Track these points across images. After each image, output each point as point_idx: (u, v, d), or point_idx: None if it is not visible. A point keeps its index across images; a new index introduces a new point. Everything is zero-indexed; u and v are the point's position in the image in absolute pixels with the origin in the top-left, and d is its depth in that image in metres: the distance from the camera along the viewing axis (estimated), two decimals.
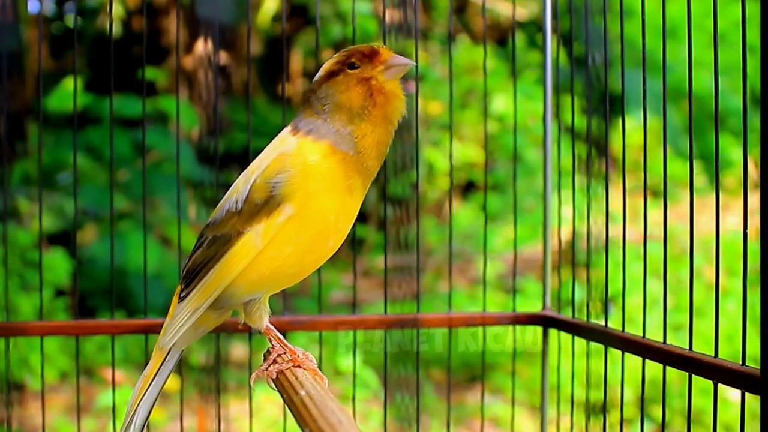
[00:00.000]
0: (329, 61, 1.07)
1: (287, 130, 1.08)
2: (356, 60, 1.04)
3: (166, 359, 1.12)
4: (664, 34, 1.13)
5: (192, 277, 1.06)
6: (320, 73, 1.07)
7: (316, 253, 1.05)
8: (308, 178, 1.00)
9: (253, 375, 1.09)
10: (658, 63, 1.17)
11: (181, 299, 1.07)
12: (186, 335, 1.09)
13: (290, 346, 1.07)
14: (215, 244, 1.04)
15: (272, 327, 1.09)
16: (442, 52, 5.21)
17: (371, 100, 1.03)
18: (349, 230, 1.07)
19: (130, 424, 1.11)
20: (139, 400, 1.11)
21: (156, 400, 1.13)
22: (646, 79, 1.19)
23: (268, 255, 1.01)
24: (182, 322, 1.06)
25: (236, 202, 1.03)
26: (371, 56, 1.03)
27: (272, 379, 1.05)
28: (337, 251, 1.08)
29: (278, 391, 1.03)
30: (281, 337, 1.09)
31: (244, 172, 1.07)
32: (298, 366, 1.05)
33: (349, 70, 1.04)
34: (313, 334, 1.50)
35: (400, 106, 1.04)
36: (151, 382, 1.11)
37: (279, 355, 1.07)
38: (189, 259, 1.08)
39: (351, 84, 1.03)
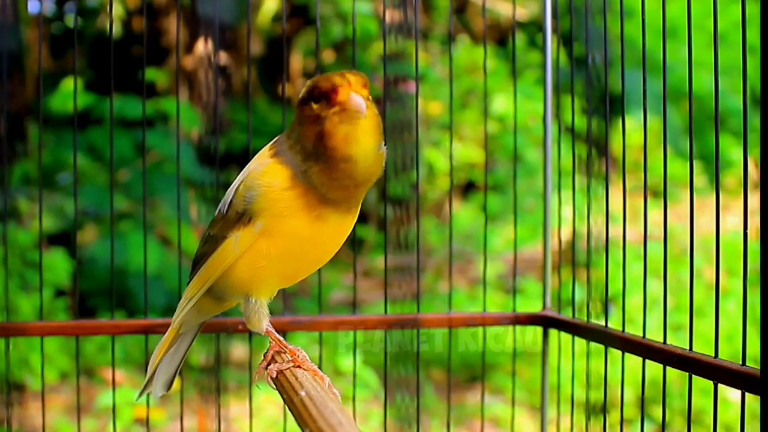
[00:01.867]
0: (306, 83, 1.00)
1: (271, 142, 1.06)
2: (319, 95, 0.95)
3: (181, 333, 1.21)
4: (664, 34, 1.13)
5: (193, 268, 1.13)
6: (300, 95, 1.00)
7: (294, 266, 1.06)
8: (271, 202, 0.99)
9: (255, 374, 1.10)
10: (658, 63, 1.17)
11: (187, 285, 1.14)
12: (192, 316, 1.16)
13: (290, 347, 1.08)
14: (209, 242, 1.08)
15: (272, 329, 1.09)
16: (442, 52, 5.21)
17: (321, 142, 0.95)
18: (339, 246, 1.06)
19: (147, 385, 1.22)
20: (156, 364, 1.20)
21: (179, 365, 1.22)
22: (646, 79, 1.19)
23: (245, 263, 1.04)
24: (183, 306, 1.13)
25: (224, 205, 1.06)
26: (330, 93, 0.94)
27: (272, 378, 1.05)
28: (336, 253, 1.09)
29: (278, 391, 1.03)
30: (281, 338, 1.10)
31: (239, 175, 1.09)
32: (298, 366, 1.05)
33: (313, 103, 0.96)
34: (313, 334, 1.50)
35: (357, 148, 0.95)
36: (167, 350, 1.20)
37: (277, 353, 1.08)
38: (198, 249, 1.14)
39: (309, 120, 0.96)
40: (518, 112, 1.73)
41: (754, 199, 0.86)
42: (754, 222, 0.85)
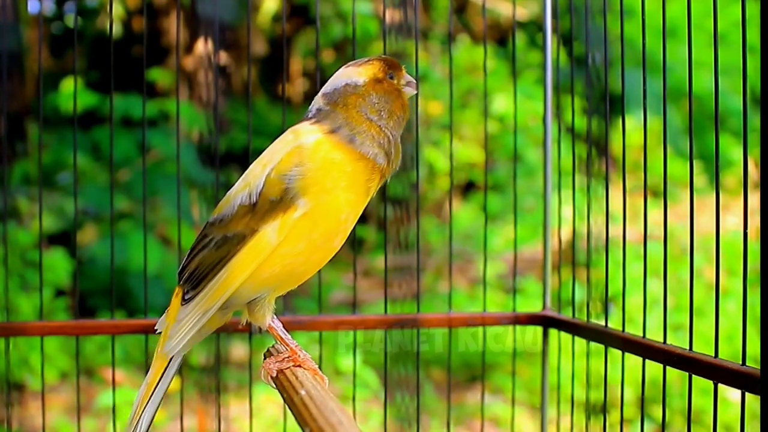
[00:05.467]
0: (364, 66, 1.08)
1: (304, 123, 1.06)
2: (394, 71, 1.08)
3: (169, 364, 1.10)
4: (664, 34, 1.13)
5: (200, 278, 1.04)
6: (363, 77, 1.07)
7: (323, 251, 1.04)
8: (327, 174, 0.99)
9: (261, 372, 1.08)
10: (658, 63, 1.17)
11: (186, 301, 1.05)
12: (190, 339, 1.07)
13: (293, 345, 1.06)
14: (227, 244, 1.02)
15: (276, 325, 1.07)
16: (442, 52, 5.21)
17: (404, 112, 1.08)
18: (351, 229, 1.07)
19: (135, 430, 1.10)
20: (143, 407, 1.10)
21: (160, 404, 1.12)
22: (646, 79, 1.19)
23: (281, 252, 1.00)
24: (191, 325, 1.04)
25: (249, 196, 1.01)
26: (399, 70, 1.09)
27: (272, 378, 1.05)
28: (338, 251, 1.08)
29: (278, 390, 1.03)
30: (284, 335, 1.07)
31: (253, 166, 1.05)
32: (299, 366, 1.04)
33: (390, 80, 1.08)
34: (314, 334, 1.50)
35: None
36: (155, 389, 1.10)
37: (281, 355, 1.07)
38: (191, 260, 1.05)
39: (395, 94, 1.07)
40: (518, 112, 1.73)
41: (754, 199, 0.86)
42: (754, 222, 0.85)
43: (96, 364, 3.81)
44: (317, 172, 0.99)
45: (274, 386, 1.04)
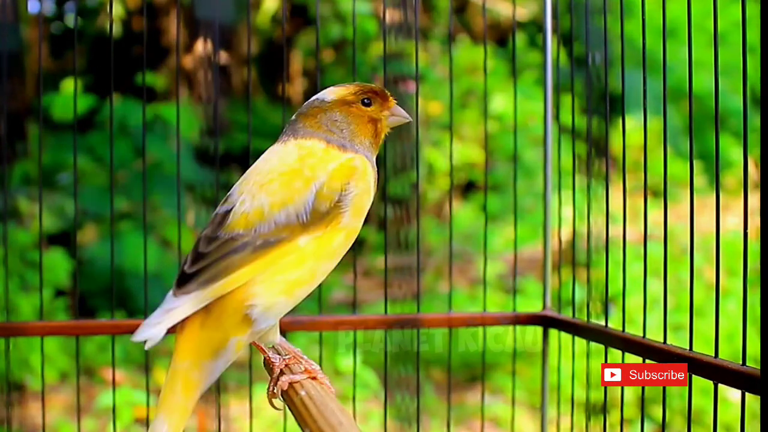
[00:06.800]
0: (341, 88, 1.09)
1: (317, 143, 1.05)
2: (371, 98, 1.09)
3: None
4: (664, 34, 1.13)
5: (214, 274, 0.96)
6: (332, 95, 1.09)
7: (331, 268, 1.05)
8: (368, 195, 1.03)
9: (269, 392, 1.02)
10: (658, 63, 1.17)
11: (184, 291, 0.95)
12: (218, 373, 0.99)
13: (304, 358, 1.04)
14: (263, 247, 0.96)
15: (284, 340, 1.06)
16: (442, 52, 5.20)
17: (375, 139, 1.09)
18: None
19: None
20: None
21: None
22: (646, 79, 1.19)
23: (322, 267, 1.00)
24: (184, 312, 0.94)
25: (296, 215, 0.98)
26: (382, 99, 1.10)
27: (282, 391, 1.00)
28: None
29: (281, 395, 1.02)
30: (294, 349, 1.05)
31: (292, 176, 1.01)
32: (313, 378, 1.00)
33: (362, 106, 1.09)
34: (313, 334, 1.50)
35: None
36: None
37: (288, 366, 1.02)
38: (211, 262, 0.97)
39: (364, 119, 1.08)
40: (518, 112, 1.73)
41: (754, 199, 0.86)
42: (754, 222, 0.85)
43: (96, 364, 3.81)
44: (366, 193, 1.03)
45: (283, 400, 1.00)
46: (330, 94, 1.10)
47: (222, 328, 0.96)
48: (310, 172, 1.02)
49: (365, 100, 1.09)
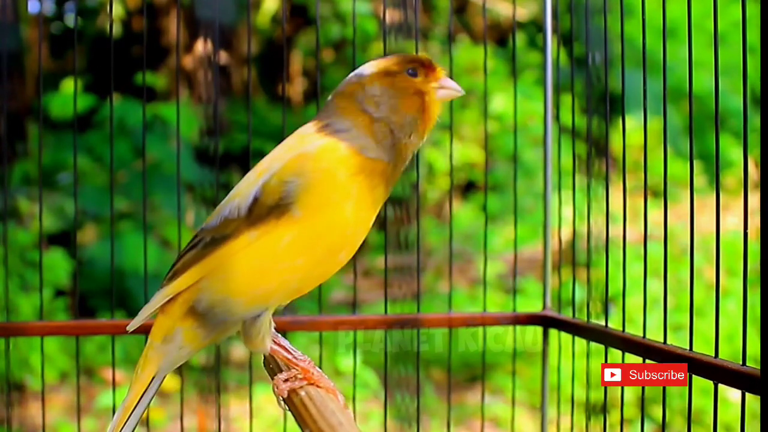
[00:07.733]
0: (383, 59, 1.00)
1: (311, 125, 0.99)
2: (417, 68, 0.99)
3: (149, 386, 1.04)
4: (664, 34, 1.13)
5: (175, 270, 1.00)
6: (372, 68, 0.99)
7: (326, 265, 0.97)
8: (327, 188, 0.91)
9: (277, 391, 1.00)
10: (658, 63, 1.17)
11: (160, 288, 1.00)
12: (171, 357, 1.01)
13: (304, 364, 0.99)
14: (212, 244, 0.96)
15: (278, 347, 1.00)
16: (442, 52, 5.20)
17: (422, 114, 0.98)
18: (361, 242, 0.99)
19: None
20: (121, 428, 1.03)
21: (136, 426, 1.05)
22: (646, 79, 1.19)
23: (278, 266, 0.93)
24: (155, 302, 1.00)
25: (238, 209, 0.94)
26: (429, 70, 0.99)
27: (283, 399, 0.98)
28: None
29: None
30: (291, 356, 1.00)
31: (252, 171, 0.98)
32: (313, 384, 0.97)
33: (408, 76, 0.98)
34: (313, 334, 1.50)
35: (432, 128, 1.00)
36: (131, 414, 1.03)
37: (291, 372, 1.00)
38: (178, 259, 1.01)
39: (409, 91, 0.97)
40: (518, 112, 1.73)
41: (754, 199, 0.86)
42: (754, 222, 0.85)
43: (96, 364, 3.81)
44: (317, 185, 0.91)
45: (285, 407, 0.98)
46: (369, 67, 0.99)
47: (171, 317, 1.00)
48: (268, 163, 0.96)
49: (410, 71, 0.98)
